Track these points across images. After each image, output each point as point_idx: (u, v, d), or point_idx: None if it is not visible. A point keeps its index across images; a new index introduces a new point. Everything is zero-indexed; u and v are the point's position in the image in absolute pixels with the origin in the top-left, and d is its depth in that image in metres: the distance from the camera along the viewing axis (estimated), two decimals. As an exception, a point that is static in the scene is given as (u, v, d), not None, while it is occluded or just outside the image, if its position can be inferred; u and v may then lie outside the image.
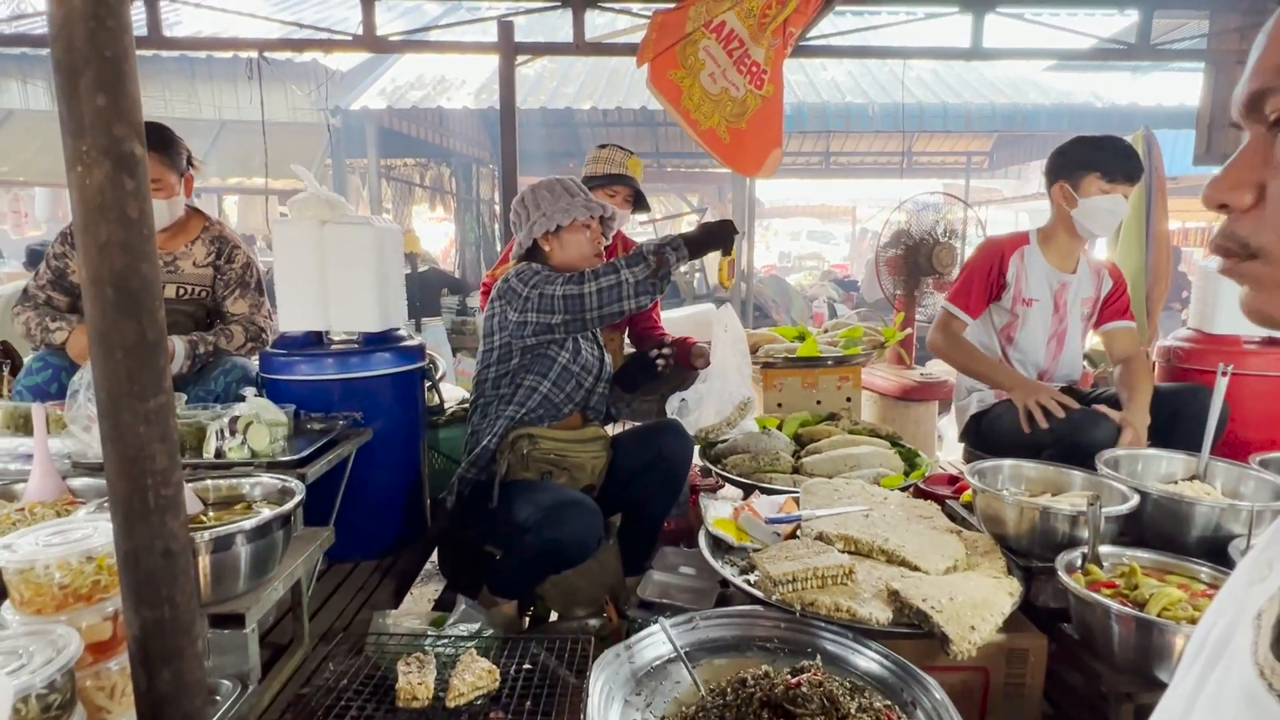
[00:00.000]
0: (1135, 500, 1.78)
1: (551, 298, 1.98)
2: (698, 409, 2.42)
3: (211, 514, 1.48)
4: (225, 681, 1.31)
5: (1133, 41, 4.27)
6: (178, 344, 2.20)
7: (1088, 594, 1.46)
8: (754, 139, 3.85)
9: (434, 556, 2.68)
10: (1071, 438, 2.22)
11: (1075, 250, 2.57)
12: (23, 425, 1.89)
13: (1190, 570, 1.59)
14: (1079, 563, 1.62)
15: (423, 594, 2.96)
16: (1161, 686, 0.51)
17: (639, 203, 2.90)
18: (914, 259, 3.74)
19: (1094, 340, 2.86)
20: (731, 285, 2.34)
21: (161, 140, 2.29)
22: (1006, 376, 2.51)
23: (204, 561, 1.28)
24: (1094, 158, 2.43)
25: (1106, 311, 2.64)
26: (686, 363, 2.64)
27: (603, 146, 2.99)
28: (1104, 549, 1.65)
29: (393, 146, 9.73)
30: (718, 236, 2.15)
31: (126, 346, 0.89)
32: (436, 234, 13.42)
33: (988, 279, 2.60)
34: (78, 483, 1.63)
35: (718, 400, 2.42)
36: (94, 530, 1.10)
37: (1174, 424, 2.31)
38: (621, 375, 2.34)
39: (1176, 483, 2.02)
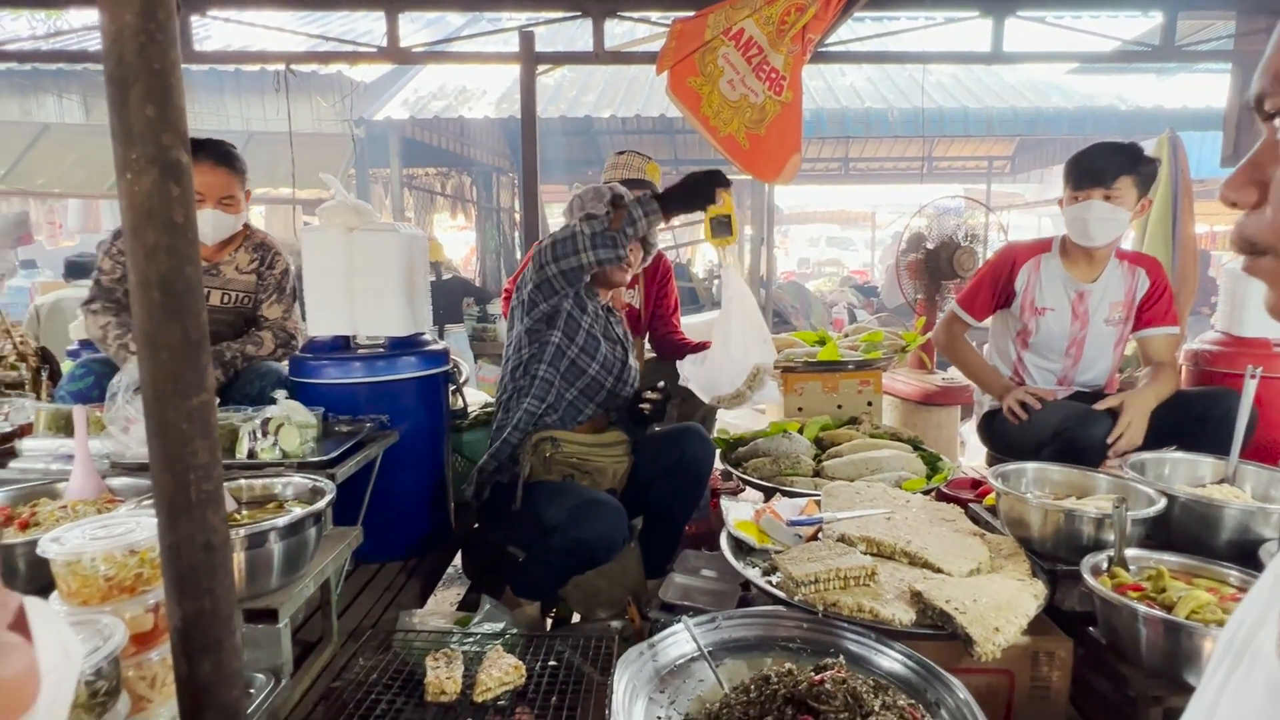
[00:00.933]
0: (1162, 503, 1.77)
1: (533, 259, 2.03)
2: (709, 379, 2.25)
3: (245, 512, 1.52)
4: (259, 675, 1.34)
5: (1157, 43, 4.23)
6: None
7: (1115, 596, 1.45)
8: (773, 145, 3.87)
9: (458, 559, 2.71)
10: (1065, 435, 2.26)
11: (1091, 259, 2.53)
12: (64, 427, 1.95)
13: (1219, 574, 1.58)
14: (1105, 566, 1.61)
15: (445, 597, 3.00)
16: (1190, 690, 0.52)
17: None
18: (935, 263, 3.73)
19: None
20: (727, 246, 2.13)
21: (229, 156, 2.37)
22: (985, 378, 2.65)
23: (239, 558, 1.31)
24: (1067, 170, 2.49)
25: (1145, 315, 2.57)
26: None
27: (621, 153, 3.02)
28: (1130, 552, 1.63)
29: (415, 156, 9.86)
30: (698, 190, 1.98)
31: (171, 346, 0.92)
32: (457, 242, 13.56)
33: (996, 285, 2.64)
34: (116, 482, 1.68)
35: (731, 369, 2.23)
36: (136, 525, 1.14)
37: (1202, 427, 2.28)
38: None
39: (1205, 486, 2.00)
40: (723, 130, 3.88)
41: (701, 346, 2.71)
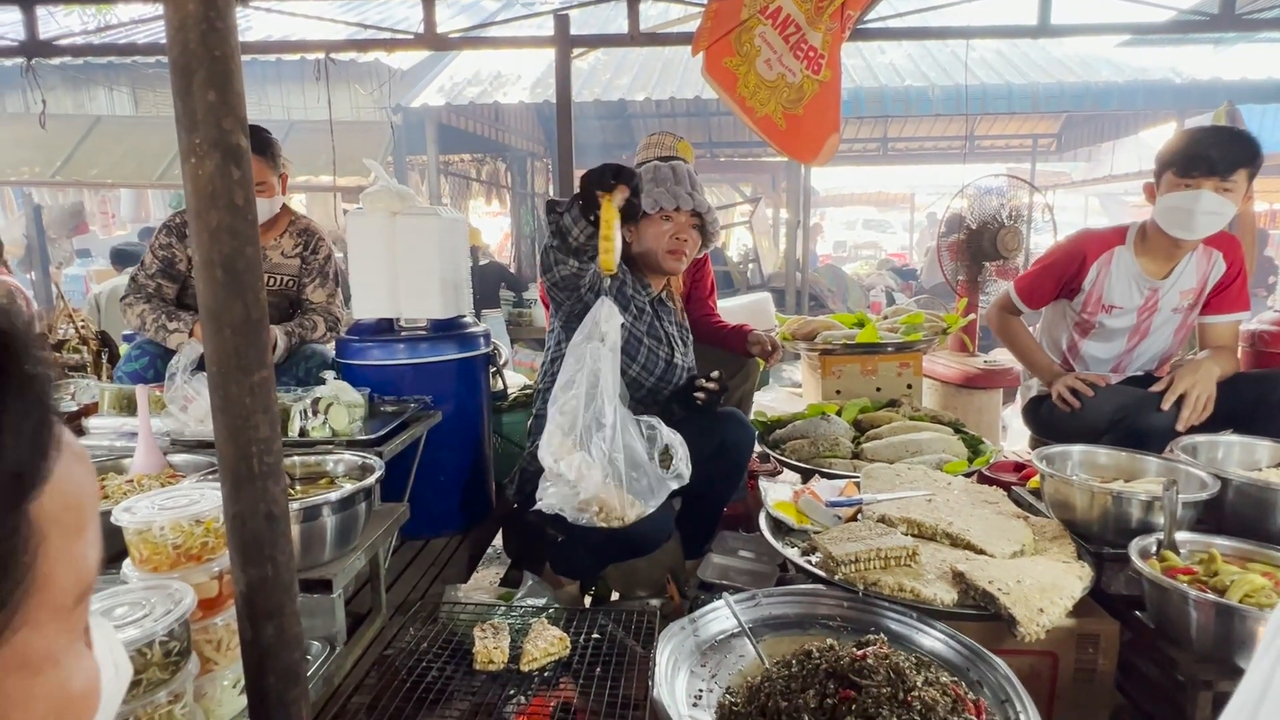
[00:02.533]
0: (1215, 486, 1.72)
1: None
2: None
3: (298, 488, 1.58)
4: (315, 642, 1.40)
5: (1215, 12, 4.05)
6: (277, 334, 2.36)
7: (1165, 579, 1.43)
8: (811, 125, 3.81)
9: (498, 538, 2.77)
10: (1125, 423, 2.17)
11: (1173, 253, 2.37)
12: (126, 406, 2.04)
13: (1274, 558, 1.54)
14: (1154, 549, 1.58)
15: (486, 575, 3.06)
16: (1241, 674, 0.52)
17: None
18: (977, 243, 3.65)
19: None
20: (609, 261, 1.70)
21: (262, 143, 2.45)
22: (1036, 363, 2.54)
23: (294, 530, 1.36)
24: (1172, 151, 2.27)
25: (1214, 299, 2.44)
26: (743, 350, 2.65)
27: (652, 134, 3.01)
28: (1181, 535, 1.60)
29: (451, 142, 9.94)
30: (588, 181, 1.70)
31: (234, 324, 0.96)
32: (492, 228, 13.68)
33: (1060, 280, 2.50)
34: (177, 458, 1.75)
35: None
36: (201, 497, 1.19)
37: (1259, 410, 2.21)
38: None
39: (1261, 470, 1.94)
40: (759, 111, 3.84)
41: (737, 330, 2.70)
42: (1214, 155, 2.18)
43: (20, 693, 0.33)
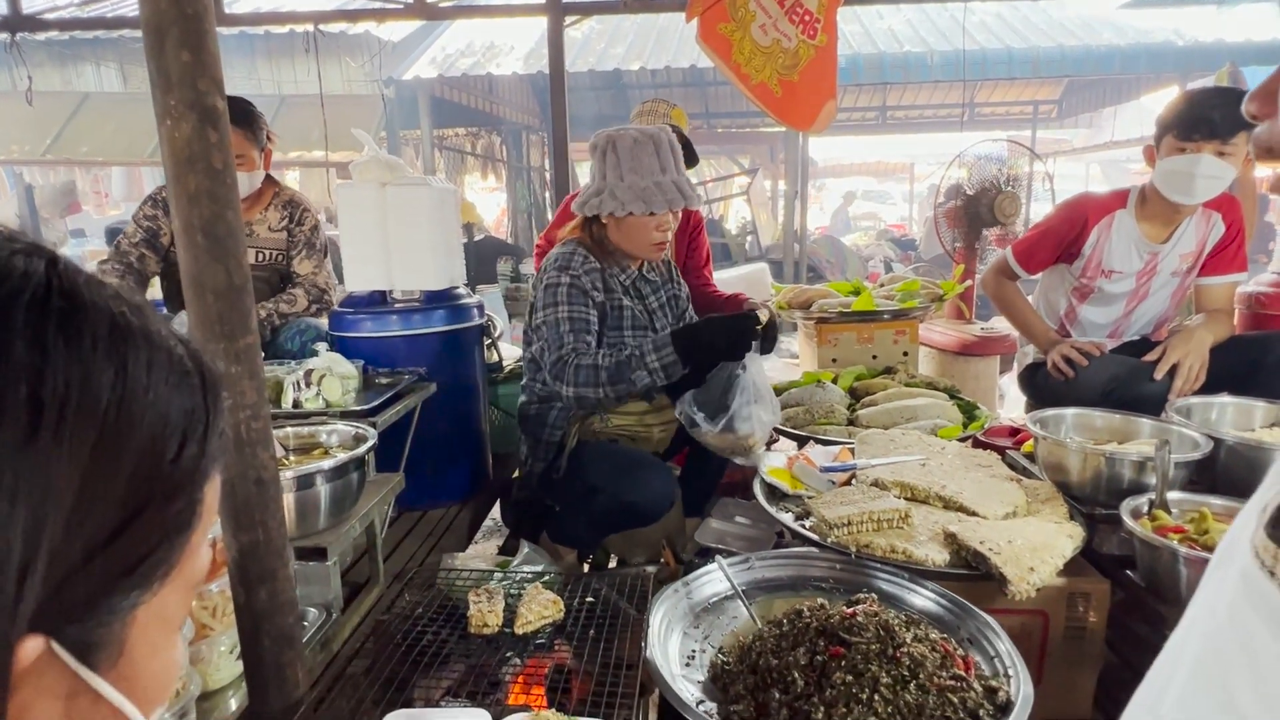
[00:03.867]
0: (1208, 447, 1.73)
1: (545, 366, 1.89)
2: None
3: (292, 458, 1.58)
4: (312, 609, 1.41)
5: (1219, -30, 3.97)
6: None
7: (1155, 537, 1.44)
8: (807, 91, 3.76)
9: (496, 511, 2.79)
10: (1116, 393, 2.16)
11: (1173, 217, 2.35)
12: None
13: (1266, 516, 1.54)
14: (1145, 509, 1.59)
15: (485, 548, 3.09)
16: None
17: (688, 156, 2.87)
18: (974, 209, 3.62)
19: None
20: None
21: (243, 115, 2.40)
22: (1032, 329, 2.52)
23: (288, 499, 1.37)
24: (1172, 114, 2.24)
25: (1212, 260, 2.42)
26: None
27: (645, 102, 2.97)
28: (1173, 495, 1.61)
29: (445, 116, 9.83)
30: (728, 342, 1.75)
31: (217, 290, 0.96)
32: (489, 203, 13.57)
33: (1060, 244, 2.47)
34: (171, 431, 1.75)
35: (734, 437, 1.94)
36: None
37: (1255, 373, 2.21)
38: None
39: (1255, 430, 1.95)
40: (754, 78, 3.79)
41: (733, 299, 2.69)
42: (1215, 118, 2.14)
43: (154, 642, 0.40)
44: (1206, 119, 2.15)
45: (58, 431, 0.31)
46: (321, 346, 1.96)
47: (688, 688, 1.15)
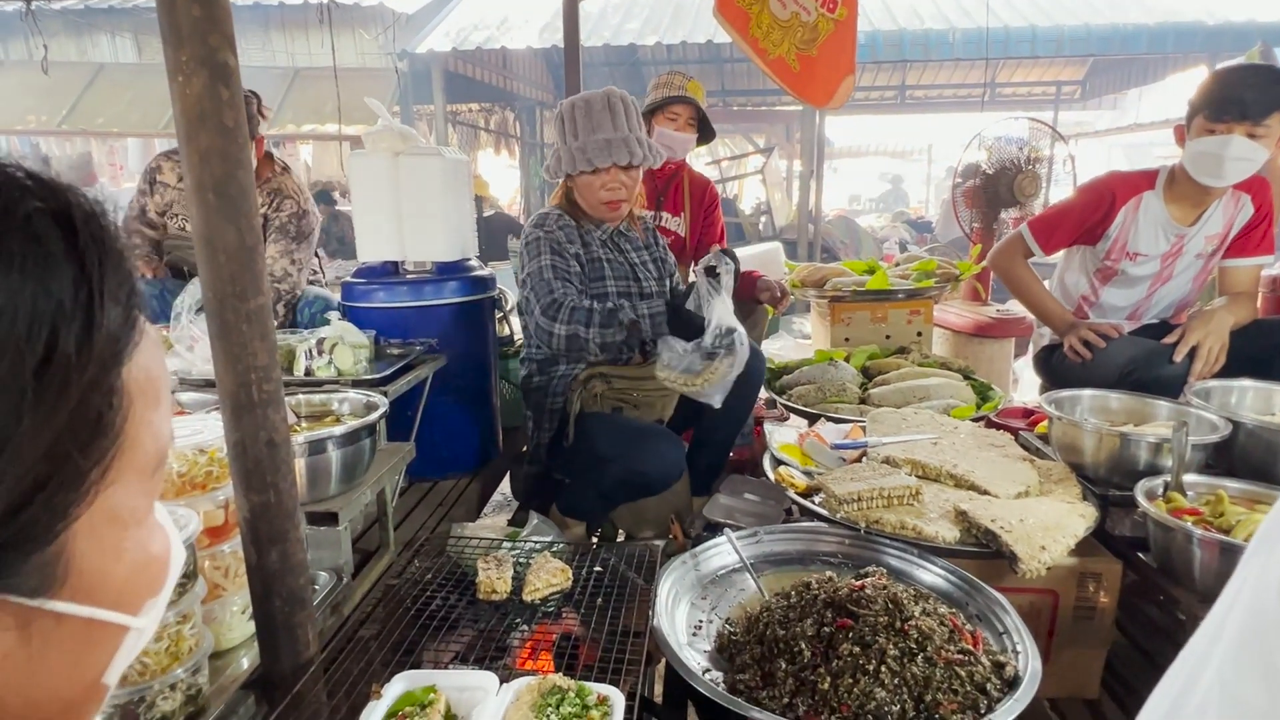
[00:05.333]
0: (1226, 429, 1.70)
1: (534, 313, 1.88)
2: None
3: (304, 425, 1.59)
4: (323, 573, 1.43)
5: (1254, -56, 3.85)
6: None
7: (1169, 519, 1.42)
8: (825, 67, 3.70)
9: (506, 485, 2.80)
10: (1134, 375, 2.12)
11: (1202, 199, 2.28)
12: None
13: (1283, 499, 1.52)
14: (1160, 490, 1.57)
15: (494, 521, 3.11)
16: None
17: (704, 131, 2.83)
18: (993, 189, 3.56)
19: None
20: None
21: None
22: (1046, 310, 2.46)
23: (300, 464, 1.38)
24: (1203, 94, 2.17)
25: (1238, 242, 2.36)
26: (751, 296, 2.62)
27: (661, 75, 2.93)
28: (1189, 478, 1.59)
29: (458, 91, 9.77)
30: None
31: (228, 250, 0.95)
32: (502, 180, 13.51)
33: (1084, 224, 2.40)
34: (184, 397, 1.76)
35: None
36: (204, 428, 1.20)
37: (1277, 357, 2.17)
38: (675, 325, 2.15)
39: (1275, 415, 1.92)
40: (772, 52, 3.72)
41: (746, 276, 2.66)
42: (1247, 98, 2.08)
43: (113, 542, 0.37)
44: (1238, 99, 2.09)
45: None
46: (334, 316, 1.97)
47: (694, 657, 1.16)
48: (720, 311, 1.79)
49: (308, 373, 1.83)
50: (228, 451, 1.02)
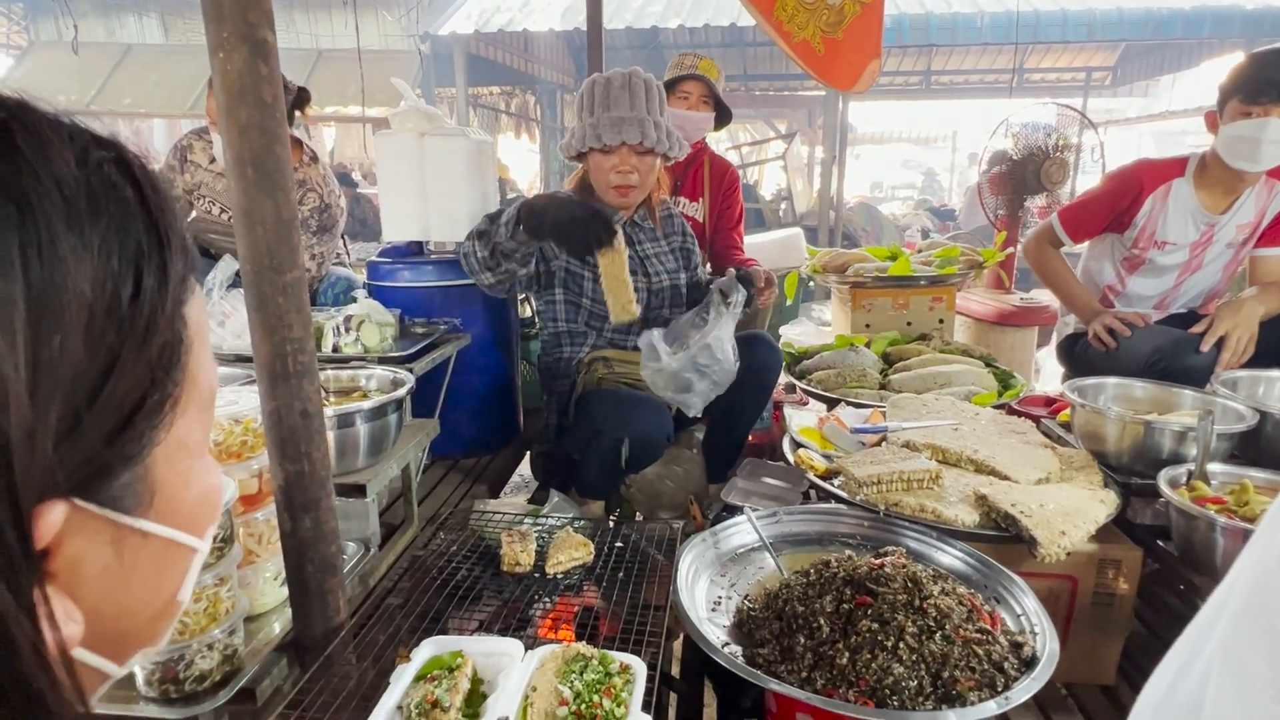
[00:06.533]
0: (1253, 419, 1.69)
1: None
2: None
3: (333, 400, 1.62)
4: (350, 543, 1.46)
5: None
6: None
7: (1192, 507, 1.42)
8: (850, 50, 3.66)
9: (526, 466, 2.83)
10: (1160, 365, 2.10)
11: (1235, 186, 2.25)
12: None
13: (1310, 490, 1.51)
14: (1184, 479, 1.56)
15: (514, 500, 3.15)
16: None
17: (720, 114, 2.80)
18: (1020, 176, 3.51)
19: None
20: (630, 312, 1.79)
21: None
22: (1074, 298, 2.45)
23: (330, 436, 1.41)
24: (1238, 76, 2.13)
25: (1270, 231, 2.32)
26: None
27: (676, 55, 2.91)
28: (1214, 467, 1.58)
29: (480, 73, 9.76)
30: (571, 231, 1.62)
31: (265, 223, 0.98)
32: (523, 164, 13.51)
33: (1112, 212, 2.38)
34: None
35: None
36: (239, 399, 1.23)
37: (1309, 348, 2.14)
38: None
39: (1303, 406, 1.89)
40: (796, 35, 3.69)
41: (746, 264, 2.64)
42: None
43: (183, 469, 0.40)
44: (1275, 80, 2.05)
45: None
46: (360, 294, 2.00)
47: (713, 631, 1.18)
48: (716, 333, 1.82)
49: (335, 349, 1.86)
50: (263, 421, 1.05)
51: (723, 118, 2.82)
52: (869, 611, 1.08)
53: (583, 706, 0.89)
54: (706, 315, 1.94)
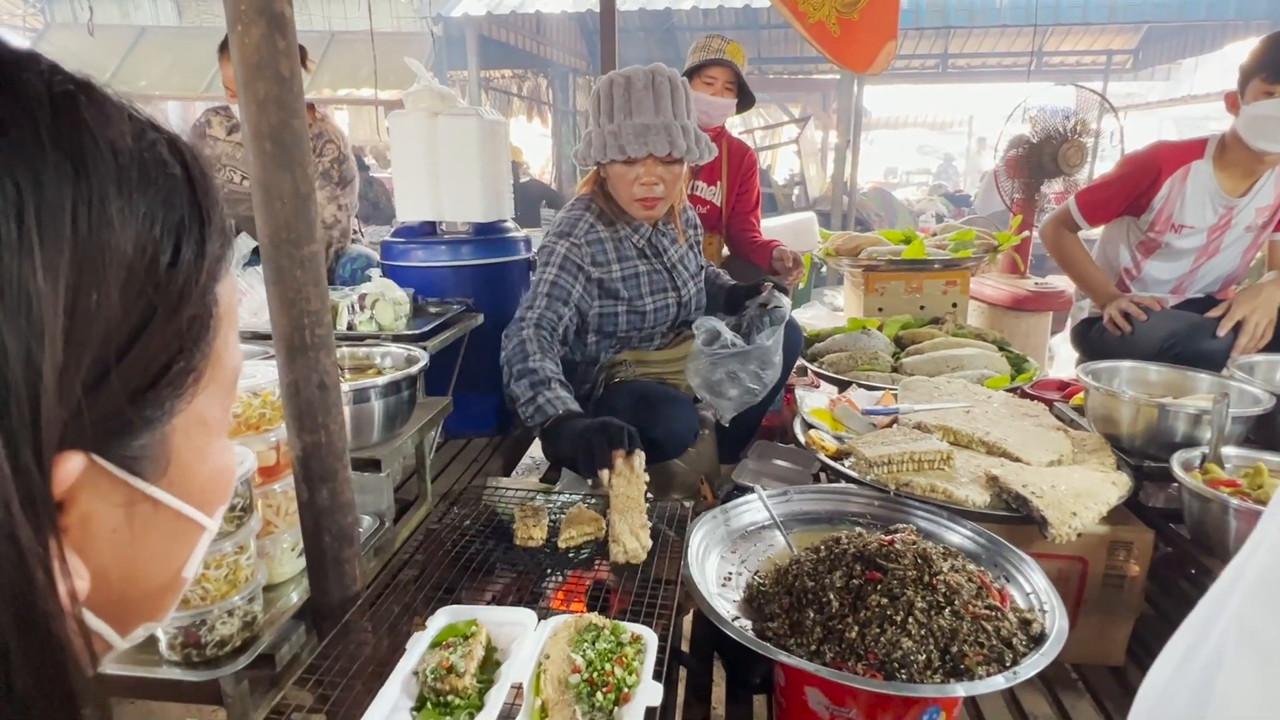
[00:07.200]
0: (1269, 403, 1.68)
1: (525, 309, 1.79)
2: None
3: (348, 376, 1.64)
4: (366, 517, 1.48)
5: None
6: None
7: (1205, 489, 1.41)
8: (867, 31, 3.62)
9: (536, 449, 2.85)
10: (1175, 349, 2.09)
11: (1254, 168, 2.22)
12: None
13: (1326, 473, 1.50)
14: (1197, 462, 1.56)
15: (525, 480, 3.17)
16: None
17: (743, 97, 2.79)
18: (1037, 159, 3.48)
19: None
20: (641, 544, 1.34)
21: None
22: (1091, 282, 2.43)
23: (346, 412, 1.42)
24: (1260, 55, 2.10)
25: None
26: (766, 266, 2.58)
27: (700, 38, 2.89)
28: (1228, 450, 1.57)
29: (492, 56, 9.73)
30: (578, 455, 1.41)
31: (283, 197, 0.99)
32: (534, 148, 13.47)
33: (1130, 195, 2.36)
34: (233, 348, 1.82)
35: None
36: (256, 372, 1.25)
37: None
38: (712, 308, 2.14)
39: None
40: (811, 16, 3.65)
41: (765, 245, 2.63)
42: None
43: (200, 444, 0.41)
44: None
45: (21, 247, 0.30)
46: (375, 272, 2.01)
47: (724, 605, 1.19)
48: (775, 339, 1.83)
49: (350, 327, 1.88)
50: (281, 393, 1.07)
51: (745, 103, 2.80)
52: (879, 587, 1.09)
53: (595, 674, 0.91)
54: (740, 324, 1.94)
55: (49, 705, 0.32)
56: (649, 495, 1.47)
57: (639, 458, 1.45)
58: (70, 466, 0.33)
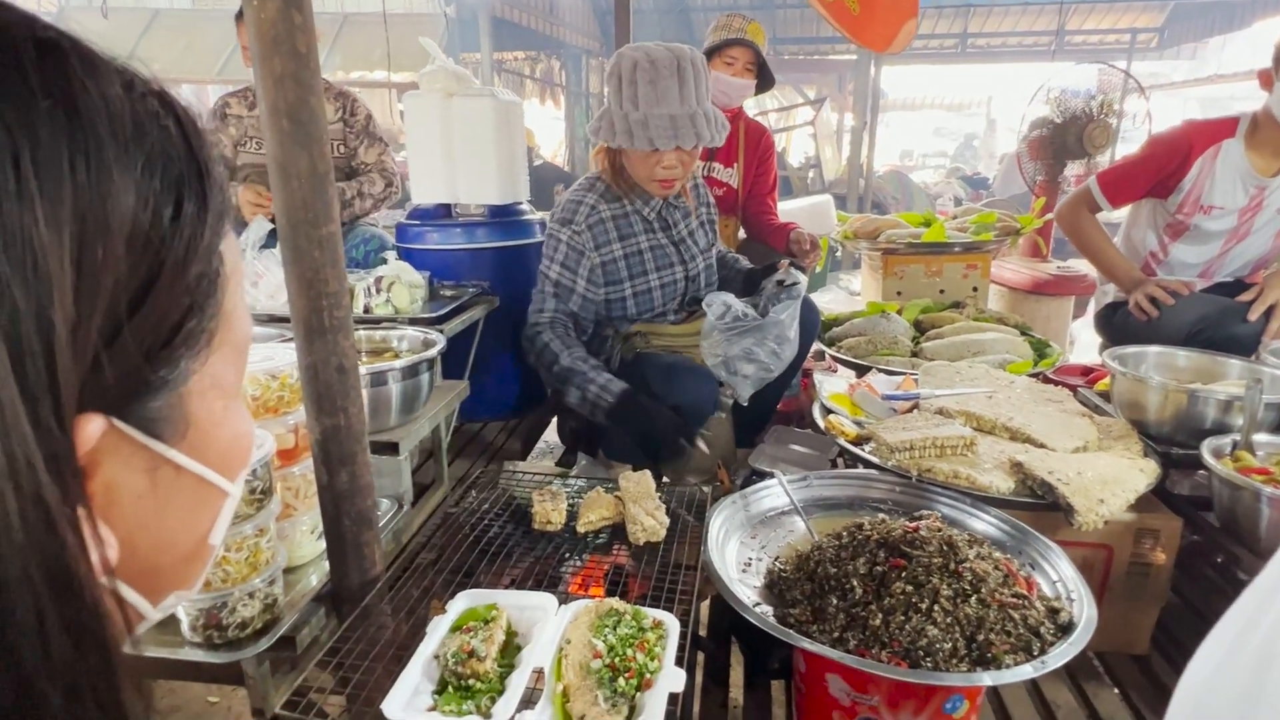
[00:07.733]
0: (1305, 389, 1.63)
1: (536, 312, 1.89)
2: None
3: (365, 359, 1.63)
4: (384, 500, 1.48)
5: None
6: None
7: (1237, 476, 1.38)
8: (886, 9, 3.56)
9: (552, 433, 2.84)
10: (1204, 334, 2.03)
11: None
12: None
13: (1362, 462, 1.46)
14: (1228, 449, 1.52)
15: (542, 464, 3.18)
16: None
17: (763, 77, 2.74)
18: (1061, 140, 3.40)
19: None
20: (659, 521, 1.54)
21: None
22: (1113, 266, 2.36)
23: (363, 395, 1.42)
24: None
25: None
26: (784, 248, 2.55)
27: (721, 16, 2.84)
28: (1260, 437, 1.54)
29: (505, 37, 9.65)
30: (660, 434, 1.71)
31: (300, 175, 0.97)
32: (547, 130, 13.39)
33: (1157, 175, 2.28)
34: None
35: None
36: (274, 354, 1.24)
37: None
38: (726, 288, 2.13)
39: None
40: (831, -6, 3.58)
41: (782, 227, 2.60)
42: None
43: (217, 407, 0.40)
44: None
45: (21, 196, 0.29)
46: (390, 255, 2.00)
47: (744, 591, 1.18)
48: (790, 313, 1.84)
49: (366, 310, 1.87)
50: (300, 375, 1.06)
51: (765, 84, 2.75)
52: (903, 574, 1.07)
53: (616, 659, 0.90)
54: (757, 303, 1.93)
55: (89, 677, 0.30)
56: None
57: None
58: (91, 429, 0.32)
